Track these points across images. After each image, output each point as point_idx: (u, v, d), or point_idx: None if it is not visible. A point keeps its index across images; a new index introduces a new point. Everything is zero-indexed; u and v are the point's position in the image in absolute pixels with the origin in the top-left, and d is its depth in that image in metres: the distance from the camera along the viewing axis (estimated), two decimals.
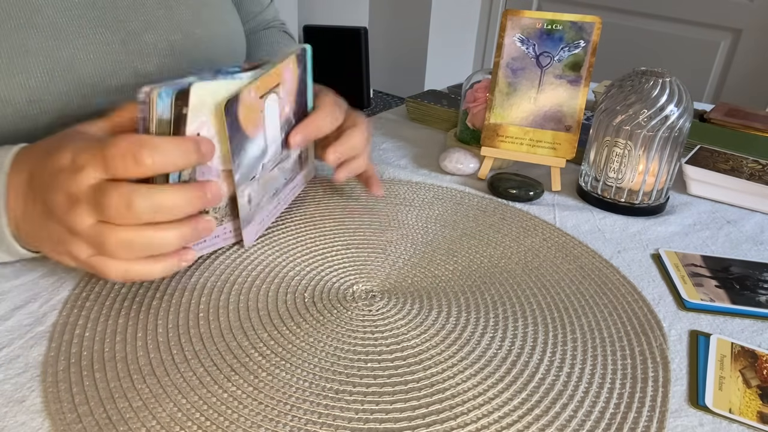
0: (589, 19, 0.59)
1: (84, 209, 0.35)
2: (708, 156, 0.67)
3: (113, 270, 0.37)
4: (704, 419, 0.35)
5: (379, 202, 0.58)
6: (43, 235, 0.38)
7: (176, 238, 0.37)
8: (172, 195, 0.35)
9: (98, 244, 0.35)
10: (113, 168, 0.34)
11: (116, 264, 0.36)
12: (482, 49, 2.84)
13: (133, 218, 0.35)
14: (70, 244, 0.36)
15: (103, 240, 0.35)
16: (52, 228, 0.37)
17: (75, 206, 0.35)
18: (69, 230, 0.36)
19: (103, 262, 0.37)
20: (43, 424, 0.32)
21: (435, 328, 0.41)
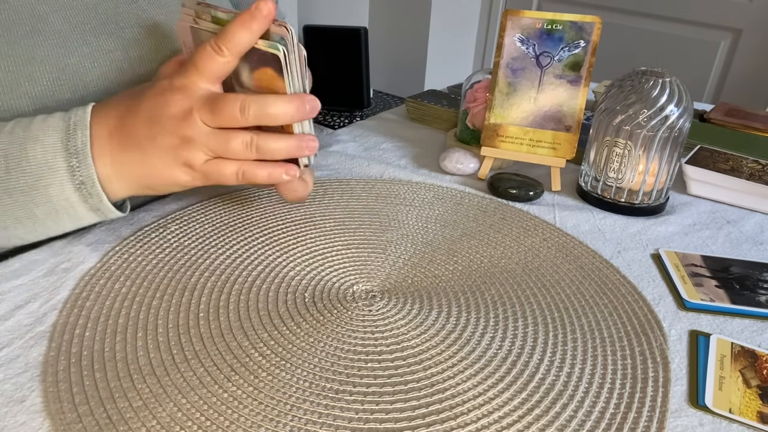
0: (589, 19, 0.59)
1: (198, 117, 0.40)
2: (708, 156, 0.67)
3: (229, 170, 0.41)
4: (704, 419, 0.35)
5: (379, 202, 0.58)
6: (152, 154, 0.41)
7: (286, 145, 0.41)
8: (280, 102, 0.40)
9: (218, 144, 0.40)
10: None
11: (231, 164, 0.41)
12: (482, 49, 2.84)
13: (245, 121, 0.39)
14: (186, 151, 0.40)
15: (225, 139, 0.40)
16: (163, 142, 0.40)
17: (189, 115, 0.40)
18: (184, 139, 0.40)
19: (218, 165, 0.41)
20: (43, 424, 0.32)
21: (435, 328, 0.41)
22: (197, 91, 0.40)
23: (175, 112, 0.40)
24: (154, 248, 0.48)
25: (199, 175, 0.42)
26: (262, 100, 0.40)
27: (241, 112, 0.39)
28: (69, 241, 0.49)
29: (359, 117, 2.25)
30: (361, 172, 0.65)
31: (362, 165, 0.67)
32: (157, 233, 0.50)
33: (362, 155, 0.70)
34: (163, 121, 0.40)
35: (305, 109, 0.41)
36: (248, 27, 0.39)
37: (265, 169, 0.42)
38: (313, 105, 0.41)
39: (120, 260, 0.46)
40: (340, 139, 0.75)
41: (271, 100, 0.40)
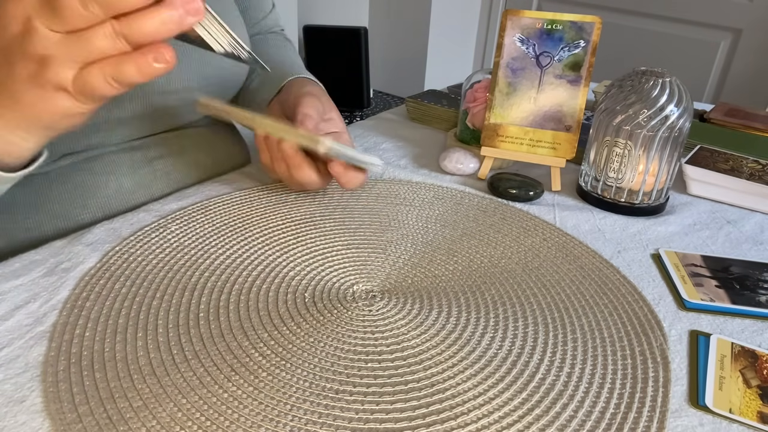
0: (589, 19, 0.59)
1: (40, 26, 0.32)
2: (708, 156, 0.67)
3: (95, 78, 0.33)
4: (704, 419, 0.35)
5: (379, 202, 0.58)
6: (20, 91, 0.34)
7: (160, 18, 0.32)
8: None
9: (78, 50, 0.32)
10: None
11: (95, 70, 0.33)
12: (482, 49, 2.84)
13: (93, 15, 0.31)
14: (48, 72, 0.33)
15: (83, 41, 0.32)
16: (21, 72, 0.33)
17: (31, 27, 0.32)
18: (38, 59, 0.32)
19: (89, 75, 0.33)
20: (43, 424, 0.32)
21: (435, 328, 0.41)
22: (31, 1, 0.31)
23: (16, 30, 0.32)
24: (154, 248, 0.48)
25: (77, 94, 0.34)
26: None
27: (82, 4, 0.30)
28: (69, 241, 0.49)
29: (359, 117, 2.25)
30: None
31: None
32: (157, 233, 0.50)
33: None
34: (10, 46, 0.33)
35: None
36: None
37: (131, 61, 0.33)
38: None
39: (120, 260, 0.46)
40: None
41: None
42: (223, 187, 0.60)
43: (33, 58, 0.32)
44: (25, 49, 0.32)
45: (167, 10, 0.32)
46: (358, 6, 2.73)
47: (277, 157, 0.52)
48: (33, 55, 0.32)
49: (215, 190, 0.59)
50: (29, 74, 0.33)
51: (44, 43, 0.32)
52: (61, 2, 0.31)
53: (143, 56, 0.33)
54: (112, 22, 0.32)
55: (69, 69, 0.33)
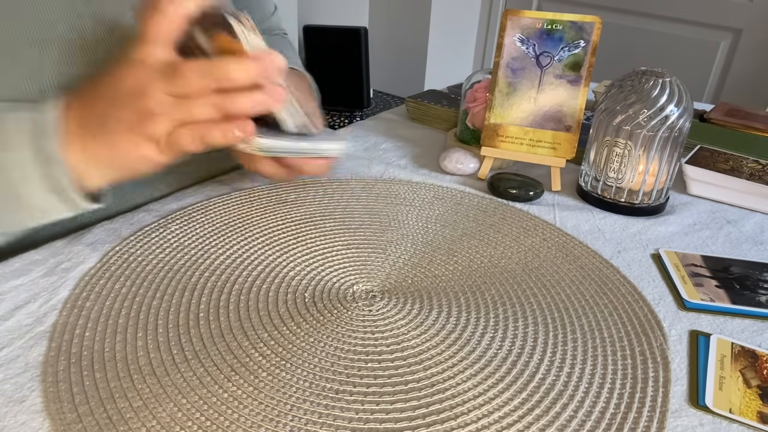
0: (589, 19, 0.59)
1: (155, 87, 0.38)
2: (708, 156, 0.67)
3: (185, 136, 0.39)
4: (704, 419, 0.35)
5: (379, 202, 0.58)
6: (115, 133, 0.40)
7: (250, 96, 0.39)
8: (240, 63, 0.38)
9: (180, 111, 0.38)
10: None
11: (187, 130, 0.39)
12: (482, 49, 2.84)
13: (206, 87, 0.38)
14: (147, 124, 0.39)
15: (186, 105, 0.38)
16: (123, 118, 0.39)
17: (145, 86, 0.38)
18: (143, 112, 0.38)
19: (180, 134, 0.39)
20: (43, 424, 0.32)
21: (435, 328, 0.41)
22: (151, 61, 0.39)
23: (131, 86, 0.39)
24: (154, 248, 0.48)
25: (165, 148, 0.40)
26: (222, 63, 0.38)
27: (200, 77, 0.38)
28: (69, 241, 0.49)
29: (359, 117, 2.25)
30: (361, 172, 0.65)
31: (362, 165, 0.67)
32: (157, 233, 0.50)
33: (362, 155, 0.70)
34: (122, 97, 0.39)
35: (267, 66, 0.39)
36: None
37: (218, 128, 0.40)
38: (277, 62, 0.39)
39: (120, 260, 0.46)
40: None
41: (230, 62, 0.38)
42: (223, 187, 0.60)
43: (140, 110, 0.39)
44: (133, 101, 0.39)
45: (261, 94, 0.39)
46: (358, 6, 2.73)
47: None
48: (141, 108, 0.39)
49: (215, 190, 0.59)
50: (132, 122, 0.39)
51: (154, 100, 0.38)
52: (182, 72, 0.38)
53: (230, 126, 0.40)
54: (215, 95, 0.39)
55: (167, 124, 0.39)
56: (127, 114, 0.39)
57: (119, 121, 0.39)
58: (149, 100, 0.38)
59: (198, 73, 0.38)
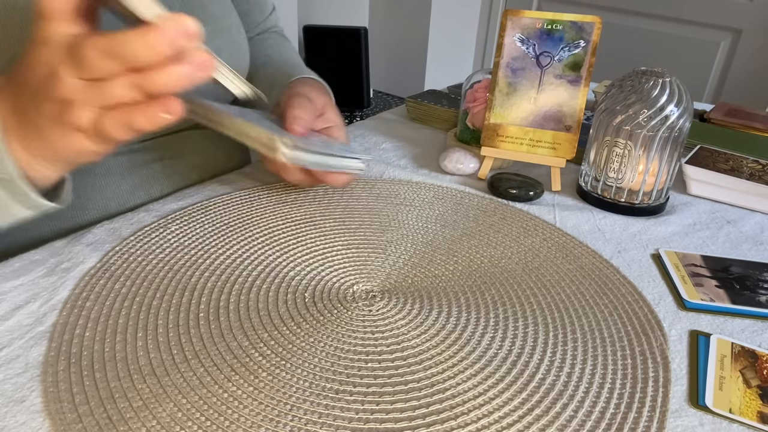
0: (589, 19, 0.59)
1: (64, 73, 0.34)
2: (708, 156, 0.67)
3: (108, 124, 0.36)
4: (704, 419, 0.35)
5: (379, 202, 0.58)
6: (45, 127, 0.37)
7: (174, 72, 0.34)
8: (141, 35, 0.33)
9: (97, 96, 0.35)
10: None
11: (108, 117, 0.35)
12: (482, 49, 2.84)
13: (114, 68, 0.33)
14: (68, 114, 0.35)
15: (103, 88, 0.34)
16: (46, 111, 0.36)
17: (55, 73, 0.34)
18: (61, 102, 0.35)
19: (101, 122, 0.36)
20: (43, 424, 0.32)
21: (435, 328, 0.41)
22: (54, 38, 0.34)
23: (42, 74, 0.35)
24: (154, 248, 0.48)
25: (95, 136, 0.37)
26: (123, 40, 0.33)
27: (105, 58, 0.33)
28: (69, 241, 0.49)
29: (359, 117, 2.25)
30: (361, 172, 0.65)
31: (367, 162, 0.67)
32: (157, 233, 0.50)
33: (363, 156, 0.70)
34: (37, 87, 0.36)
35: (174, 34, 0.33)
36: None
37: (142, 112, 0.35)
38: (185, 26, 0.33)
39: (120, 260, 0.46)
40: None
41: (131, 38, 0.32)
42: (223, 187, 0.60)
43: (57, 100, 0.35)
44: (50, 91, 0.35)
45: (179, 66, 0.34)
46: (358, 6, 2.73)
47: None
48: (57, 97, 0.35)
49: (215, 190, 0.59)
50: (53, 114, 0.36)
51: (68, 88, 0.35)
52: (83, 55, 0.33)
53: (154, 107, 0.36)
54: (130, 74, 0.34)
55: (88, 112, 0.36)
56: (45, 104, 0.36)
57: (40, 112, 0.36)
58: (61, 87, 0.35)
59: (102, 53, 0.33)
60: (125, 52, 0.33)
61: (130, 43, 0.33)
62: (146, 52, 0.33)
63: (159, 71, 0.34)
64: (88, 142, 0.37)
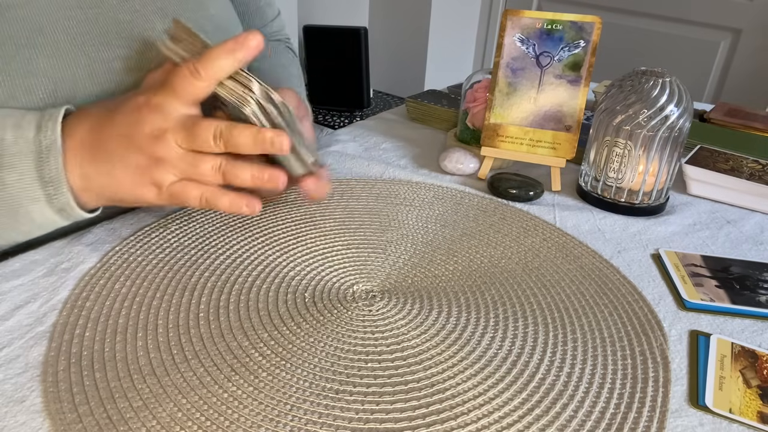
0: (589, 19, 0.59)
1: (172, 139, 0.40)
2: (708, 156, 0.67)
3: (193, 193, 0.42)
4: (704, 419, 0.35)
5: (379, 202, 0.58)
6: (121, 170, 0.41)
7: (251, 175, 0.42)
8: (249, 133, 0.40)
9: (188, 166, 0.41)
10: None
11: (196, 188, 0.42)
12: (482, 49, 2.84)
13: (217, 148, 0.40)
14: (155, 171, 0.41)
15: (196, 162, 0.41)
16: (134, 160, 0.41)
17: (163, 136, 0.40)
18: (155, 159, 0.40)
19: (184, 187, 0.42)
20: (43, 424, 0.32)
21: (435, 328, 0.41)
22: (173, 113, 0.40)
23: (149, 132, 0.40)
24: (154, 248, 0.48)
25: (166, 195, 0.42)
26: (235, 130, 0.40)
27: (214, 138, 0.40)
28: (69, 241, 0.49)
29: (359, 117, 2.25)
30: (361, 172, 0.65)
31: (362, 165, 0.67)
32: (157, 233, 0.50)
33: (362, 155, 0.70)
34: (136, 140, 0.40)
35: (280, 141, 0.41)
36: (232, 54, 0.39)
37: (228, 197, 0.43)
38: (280, 141, 0.41)
39: (120, 260, 0.46)
40: (340, 139, 0.75)
41: (242, 130, 0.40)
42: None
43: (152, 156, 0.40)
44: (149, 147, 0.40)
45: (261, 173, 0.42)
46: (358, 6, 2.73)
47: None
48: (153, 154, 0.40)
49: None
50: (139, 164, 0.41)
51: (167, 150, 0.40)
52: (198, 132, 0.40)
53: (239, 199, 0.43)
54: (222, 158, 0.41)
55: (173, 175, 0.41)
56: (137, 155, 0.41)
57: (127, 159, 0.41)
58: (163, 147, 0.40)
59: (214, 132, 0.40)
60: (235, 140, 0.40)
61: (243, 134, 0.40)
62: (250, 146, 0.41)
63: (245, 168, 0.42)
64: (156, 198, 0.42)
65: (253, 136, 0.40)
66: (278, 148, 0.41)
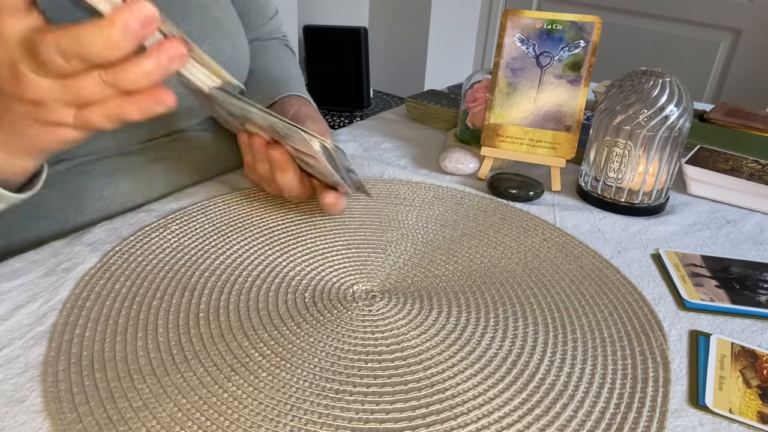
0: (589, 19, 0.59)
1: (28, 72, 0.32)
2: (708, 156, 0.67)
3: (97, 118, 0.34)
4: (704, 419, 0.35)
5: (379, 202, 0.58)
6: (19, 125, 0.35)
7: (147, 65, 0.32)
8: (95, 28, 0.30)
9: (69, 94, 0.33)
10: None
11: (96, 110, 0.34)
12: (482, 49, 2.84)
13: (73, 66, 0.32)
14: (44, 113, 0.34)
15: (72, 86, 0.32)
16: (18, 111, 0.34)
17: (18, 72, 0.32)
18: (32, 102, 0.33)
19: (87, 115, 0.34)
20: (43, 424, 0.32)
21: (435, 328, 0.41)
22: (10, 34, 0.32)
23: (5, 73, 0.33)
24: (154, 248, 0.48)
25: (79, 128, 0.36)
26: (79, 36, 0.30)
27: (63, 57, 0.31)
28: (69, 241, 0.49)
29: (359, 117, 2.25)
30: (361, 172, 0.65)
31: (362, 165, 0.67)
32: (157, 233, 0.50)
33: (362, 155, 0.70)
34: (3, 87, 0.34)
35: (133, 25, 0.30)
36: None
37: (134, 104, 0.34)
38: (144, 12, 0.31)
39: (120, 260, 0.46)
40: (340, 139, 0.75)
41: (87, 34, 0.30)
42: (223, 187, 0.60)
43: (26, 100, 0.33)
44: (17, 92, 0.33)
45: (148, 60, 0.32)
46: (358, 6, 2.73)
47: (260, 157, 0.51)
48: (26, 98, 0.33)
49: (215, 190, 0.59)
50: (27, 113, 0.34)
51: (36, 88, 0.33)
52: (43, 54, 0.31)
53: (145, 100, 0.34)
54: (99, 71, 0.32)
55: (66, 110, 0.34)
56: (17, 104, 0.34)
57: (13, 112, 0.35)
58: (29, 88, 0.33)
59: (61, 53, 0.31)
60: (85, 52, 0.31)
61: (88, 41, 0.31)
62: (106, 51, 0.31)
63: (128, 68, 0.32)
64: (71, 134, 0.36)
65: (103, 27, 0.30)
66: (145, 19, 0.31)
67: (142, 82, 0.33)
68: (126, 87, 0.33)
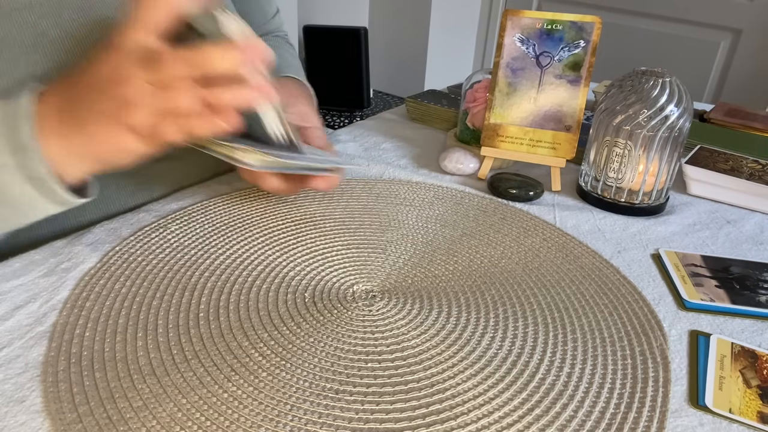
0: (589, 19, 0.59)
1: (135, 75, 0.36)
2: (708, 156, 0.67)
3: (170, 129, 0.38)
4: (704, 419, 0.35)
5: (379, 202, 0.58)
6: (94, 123, 0.38)
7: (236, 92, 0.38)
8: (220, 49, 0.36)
9: (162, 102, 0.36)
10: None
11: (171, 123, 0.37)
12: (482, 49, 2.84)
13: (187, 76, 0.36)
14: (127, 114, 0.37)
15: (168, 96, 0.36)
16: (101, 107, 0.37)
17: (125, 74, 0.36)
18: (123, 101, 0.37)
19: (161, 126, 0.37)
20: (43, 424, 0.32)
21: (435, 328, 0.41)
22: (132, 46, 0.36)
23: (108, 72, 0.37)
24: (154, 248, 0.48)
25: (147, 138, 0.38)
26: (204, 51, 0.36)
27: (182, 64, 0.36)
28: (69, 241, 0.49)
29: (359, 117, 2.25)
30: (361, 172, 0.65)
31: (362, 165, 0.67)
32: (157, 233, 0.50)
33: (362, 155, 0.70)
34: (97, 85, 0.37)
35: (251, 54, 0.37)
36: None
37: (206, 121, 0.38)
38: (261, 50, 0.37)
39: (120, 260, 0.46)
40: (340, 139, 0.75)
41: (213, 50, 0.36)
42: (223, 187, 0.60)
43: (119, 98, 0.36)
44: (114, 89, 0.36)
45: (244, 88, 0.37)
46: (358, 6, 2.73)
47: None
48: (120, 95, 0.36)
49: (215, 190, 0.59)
50: (110, 111, 0.37)
51: (135, 89, 0.36)
52: (163, 59, 0.36)
53: (216, 118, 0.38)
54: (197, 86, 0.37)
55: (148, 116, 0.37)
56: (104, 103, 0.37)
57: (96, 110, 0.37)
58: (128, 88, 0.36)
59: (179, 61, 0.36)
60: (204, 62, 0.36)
61: (211, 54, 0.36)
62: (224, 64, 0.36)
63: (227, 88, 0.37)
64: (137, 143, 0.38)
65: (227, 48, 0.36)
66: (262, 56, 0.37)
67: (230, 104, 0.38)
68: (213, 104, 0.37)
